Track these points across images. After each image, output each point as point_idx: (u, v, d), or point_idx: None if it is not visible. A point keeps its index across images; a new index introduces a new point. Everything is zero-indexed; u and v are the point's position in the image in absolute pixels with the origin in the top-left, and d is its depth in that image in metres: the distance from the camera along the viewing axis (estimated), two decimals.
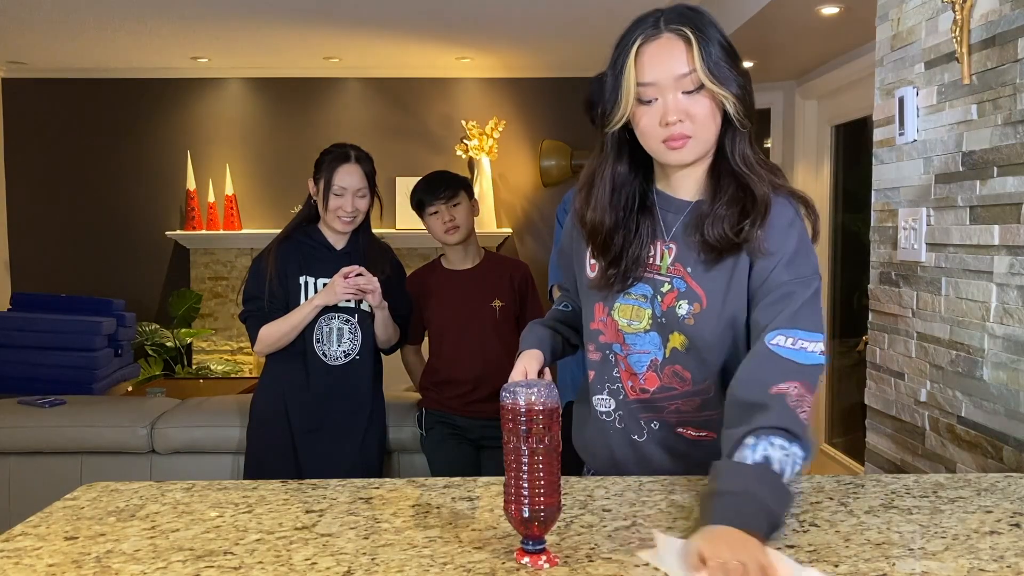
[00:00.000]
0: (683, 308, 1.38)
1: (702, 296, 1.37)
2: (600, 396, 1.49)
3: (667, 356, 1.40)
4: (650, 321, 1.40)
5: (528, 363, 1.47)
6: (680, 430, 1.45)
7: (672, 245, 1.40)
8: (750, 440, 1.19)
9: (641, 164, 1.43)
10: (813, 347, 1.29)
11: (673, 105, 1.30)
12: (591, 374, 1.50)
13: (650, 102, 1.32)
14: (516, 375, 1.44)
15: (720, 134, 1.36)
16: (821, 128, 4.77)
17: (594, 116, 2.36)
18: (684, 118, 1.31)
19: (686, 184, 1.41)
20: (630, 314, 1.42)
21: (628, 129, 1.38)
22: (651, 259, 1.41)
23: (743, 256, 1.35)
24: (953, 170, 2.07)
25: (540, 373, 1.48)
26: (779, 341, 1.28)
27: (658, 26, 1.31)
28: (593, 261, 1.46)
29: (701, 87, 1.30)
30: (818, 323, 1.32)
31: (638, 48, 1.31)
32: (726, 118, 1.34)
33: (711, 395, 1.41)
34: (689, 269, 1.38)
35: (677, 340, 1.39)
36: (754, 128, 1.37)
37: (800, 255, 1.35)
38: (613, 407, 1.48)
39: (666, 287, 1.40)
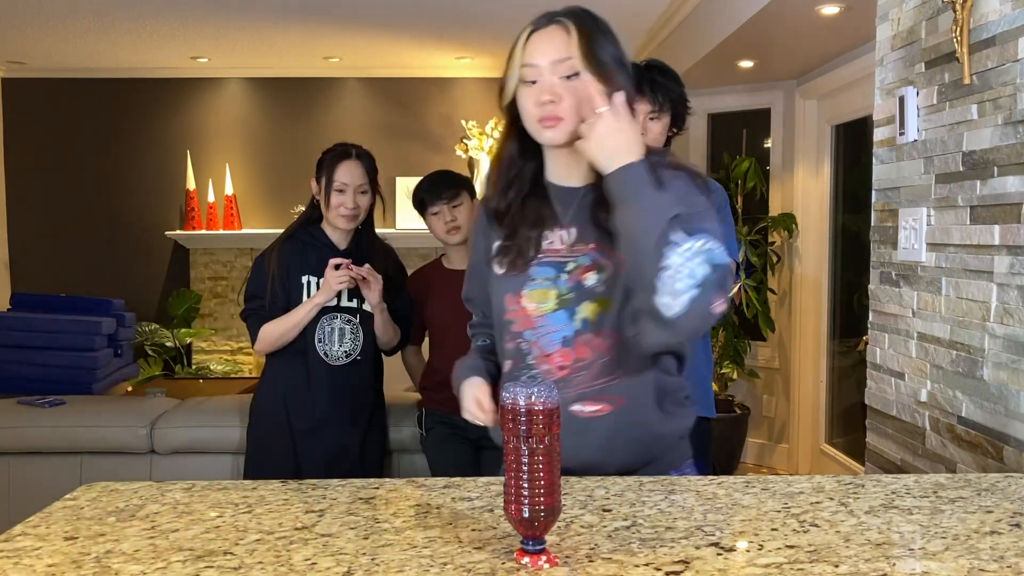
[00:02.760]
0: (591, 279, 1.45)
1: (609, 265, 1.44)
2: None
3: (577, 328, 1.46)
4: (556, 301, 1.47)
5: (479, 392, 1.53)
6: (575, 408, 1.45)
7: (573, 229, 1.49)
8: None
9: (533, 153, 1.52)
10: (722, 251, 1.32)
11: (548, 86, 1.42)
12: (507, 364, 1.55)
13: (532, 83, 1.43)
14: (471, 406, 1.53)
15: None
16: (821, 128, 4.77)
17: None
18: (557, 99, 1.41)
19: (575, 171, 1.49)
20: (538, 297, 1.48)
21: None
22: (549, 244, 1.49)
23: None
24: (953, 170, 2.07)
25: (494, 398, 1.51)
26: (680, 237, 1.30)
27: (549, 19, 1.46)
28: (499, 258, 1.54)
29: (577, 74, 1.41)
30: (729, 239, 1.43)
31: (528, 36, 1.45)
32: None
33: (611, 357, 1.44)
34: (592, 244, 1.46)
35: (588, 309, 1.45)
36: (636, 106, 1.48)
37: (690, 194, 1.39)
38: None
39: (571, 265, 1.47)
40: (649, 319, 1.35)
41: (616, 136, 1.34)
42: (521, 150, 1.52)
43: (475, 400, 1.54)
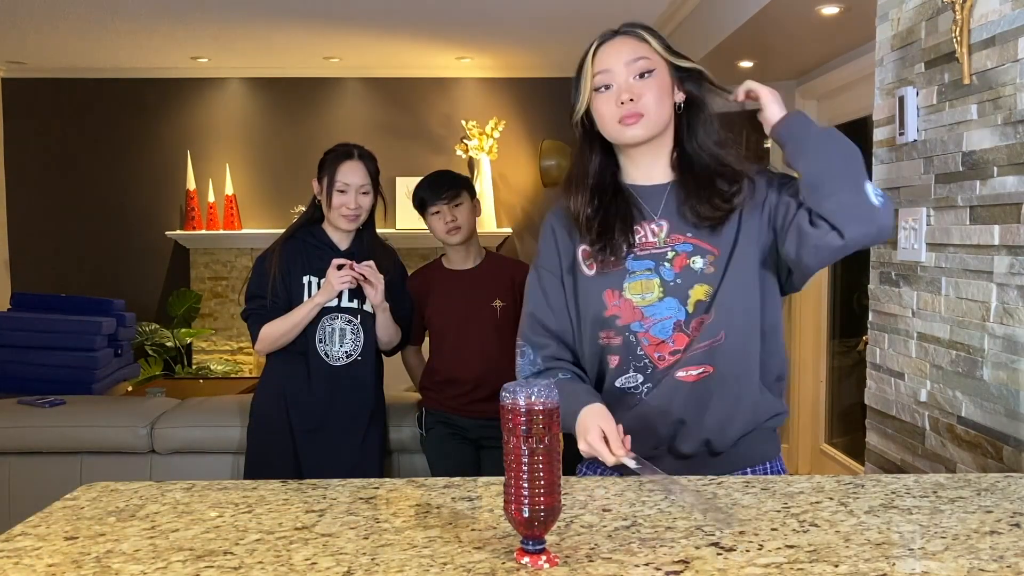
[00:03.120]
0: (698, 263, 1.49)
1: (713, 249, 1.50)
2: (627, 376, 1.54)
3: (691, 312, 1.49)
4: (661, 289, 1.50)
5: (606, 424, 1.42)
6: (680, 375, 1.50)
7: (663, 223, 1.53)
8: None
9: (613, 158, 1.57)
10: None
11: (625, 86, 1.48)
12: (614, 360, 1.54)
13: (607, 88, 1.49)
14: (595, 440, 1.40)
15: (679, 119, 1.53)
16: None
17: None
18: (635, 97, 1.47)
19: (655, 171, 1.56)
20: (641, 289, 1.50)
21: (595, 124, 1.54)
22: (642, 237, 1.53)
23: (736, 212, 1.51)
24: (953, 170, 2.07)
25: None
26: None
27: (615, 32, 1.54)
28: (590, 260, 1.54)
29: (652, 71, 1.49)
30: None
31: (596, 48, 1.52)
32: (678, 110, 1.53)
33: (723, 341, 1.48)
34: (689, 234, 1.51)
35: (700, 292, 1.49)
36: (712, 113, 1.55)
37: (782, 175, 1.55)
38: (641, 380, 1.53)
39: (671, 254, 1.51)
40: (847, 216, 1.40)
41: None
42: (604, 159, 1.57)
43: (600, 434, 1.41)
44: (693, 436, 1.52)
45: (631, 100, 1.47)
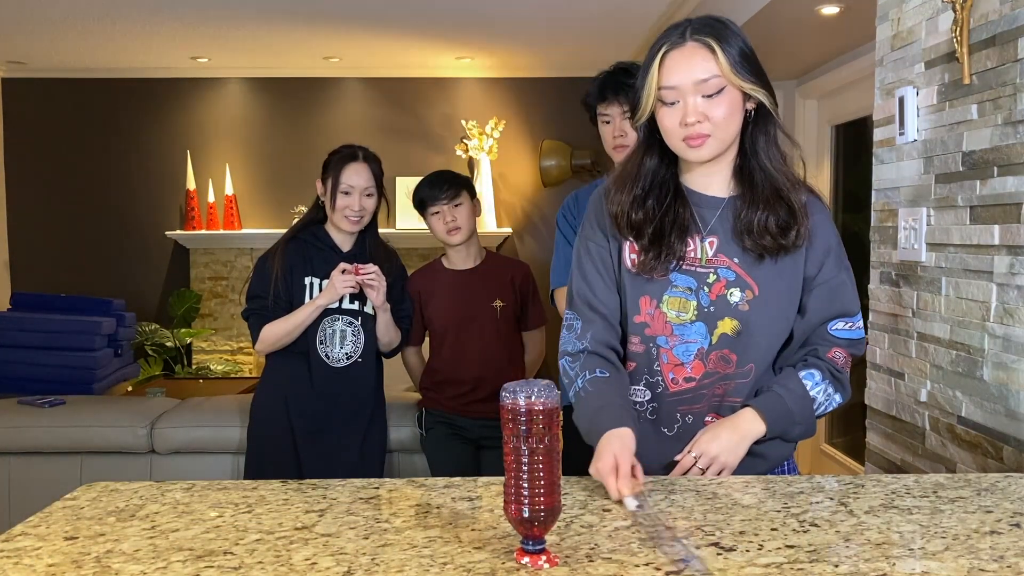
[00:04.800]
0: (735, 296, 1.46)
1: (753, 285, 1.47)
2: (636, 387, 1.53)
3: (714, 343, 1.47)
4: (695, 312, 1.47)
5: (622, 455, 1.33)
6: (708, 419, 1.51)
7: (712, 238, 1.49)
8: (807, 360, 1.51)
9: (673, 159, 1.51)
10: (860, 324, 1.55)
11: (692, 108, 1.40)
12: (630, 365, 1.53)
13: (672, 103, 1.42)
14: (607, 475, 1.31)
15: (743, 133, 1.46)
16: (821, 128, 4.77)
17: (591, 116, 2.40)
18: (703, 119, 1.40)
19: (715, 181, 1.50)
20: (678, 306, 1.48)
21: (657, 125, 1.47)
22: (690, 252, 1.48)
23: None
24: (953, 170, 2.07)
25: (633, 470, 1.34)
26: (839, 327, 1.53)
27: (684, 35, 1.42)
28: (633, 256, 1.50)
29: (721, 90, 1.40)
30: (858, 300, 1.56)
31: (663, 54, 1.42)
32: (748, 118, 1.45)
33: (747, 379, 1.49)
34: (736, 260, 1.47)
35: (728, 326, 1.47)
36: (780, 118, 1.48)
37: (841, 246, 1.55)
38: (648, 398, 1.52)
39: (712, 277, 1.47)
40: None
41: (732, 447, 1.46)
42: (661, 161, 1.51)
43: (612, 465, 1.31)
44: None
45: (698, 122, 1.40)
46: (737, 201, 1.48)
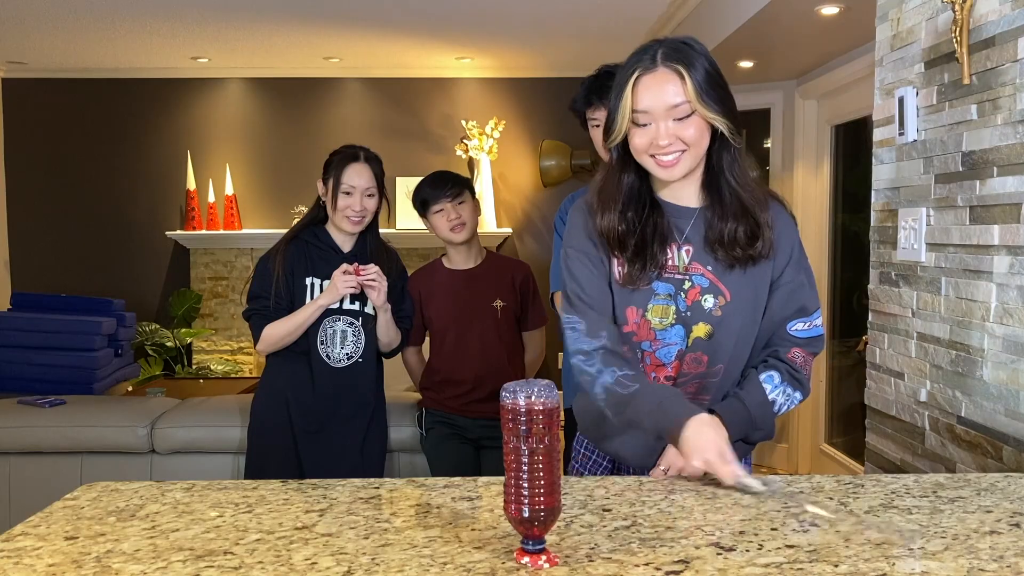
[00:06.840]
0: (709, 302, 1.54)
1: (726, 291, 1.55)
2: None
3: (689, 345, 1.56)
4: (675, 316, 1.55)
5: (721, 438, 1.43)
6: None
7: (688, 247, 1.56)
8: (767, 361, 1.58)
9: (646, 173, 1.57)
10: (819, 320, 1.62)
11: (664, 131, 1.47)
12: None
13: (644, 125, 1.49)
14: (720, 464, 1.39)
15: (710, 148, 1.53)
16: (821, 128, 4.77)
17: (582, 121, 2.43)
18: (674, 141, 1.48)
19: (686, 193, 1.58)
20: (660, 312, 1.55)
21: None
22: (669, 260, 1.56)
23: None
24: (953, 170, 2.07)
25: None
26: (798, 328, 1.59)
27: (655, 60, 1.47)
28: (619, 270, 1.56)
29: (691, 114, 1.47)
30: (817, 297, 1.63)
31: (636, 79, 1.48)
32: (716, 134, 1.51)
33: (717, 379, 1.58)
34: (709, 268, 1.55)
35: (701, 330, 1.55)
36: (742, 141, 1.55)
37: (803, 249, 1.61)
38: None
39: (687, 284, 1.55)
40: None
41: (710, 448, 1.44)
42: (638, 176, 1.57)
43: (719, 451, 1.40)
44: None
45: (669, 144, 1.47)
46: (707, 212, 1.56)
